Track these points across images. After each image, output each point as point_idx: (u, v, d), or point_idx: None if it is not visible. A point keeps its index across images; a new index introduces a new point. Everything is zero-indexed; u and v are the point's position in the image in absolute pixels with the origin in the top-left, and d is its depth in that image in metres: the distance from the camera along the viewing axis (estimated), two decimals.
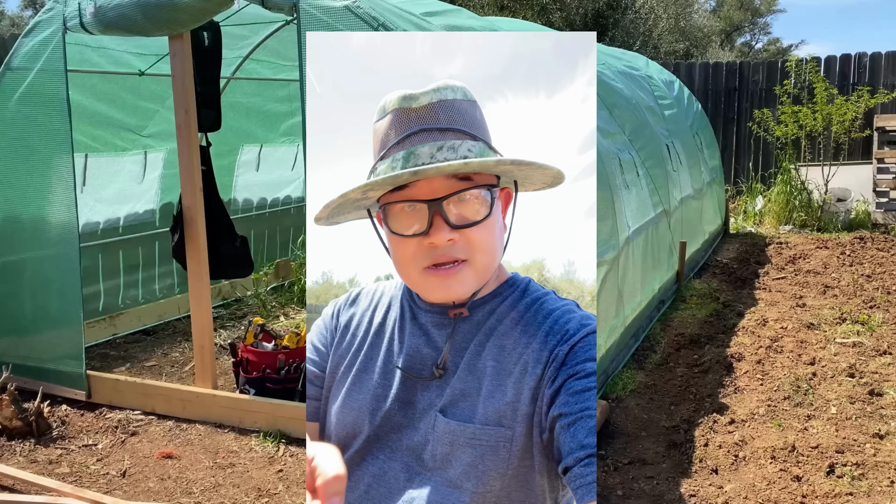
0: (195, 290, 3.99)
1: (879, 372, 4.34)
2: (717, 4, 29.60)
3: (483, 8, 15.77)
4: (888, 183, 9.05)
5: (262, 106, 6.28)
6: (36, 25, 3.99)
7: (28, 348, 4.21)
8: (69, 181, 3.97)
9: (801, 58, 10.32)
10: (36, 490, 3.19)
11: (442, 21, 4.12)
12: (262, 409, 3.76)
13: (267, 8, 3.44)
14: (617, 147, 4.81)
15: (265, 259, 6.49)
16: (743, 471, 3.29)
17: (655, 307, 5.41)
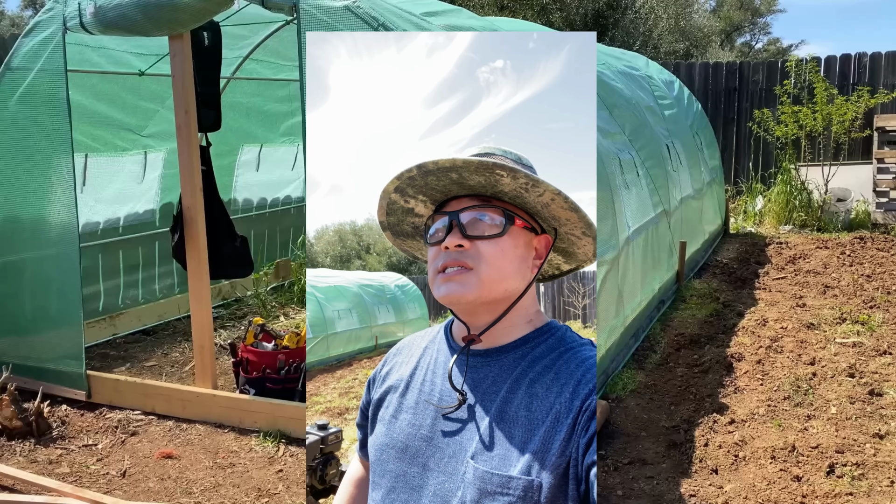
0: (195, 290, 3.99)
1: (879, 372, 4.34)
2: (717, 4, 29.60)
3: (483, 8, 15.77)
4: (888, 183, 9.05)
5: (262, 106, 6.28)
6: (36, 25, 4.00)
7: (28, 348, 4.21)
8: (69, 181, 3.97)
9: (801, 58, 10.32)
10: (36, 490, 3.19)
11: (442, 21, 4.12)
12: (262, 409, 3.76)
13: (267, 8, 3.44)
14: (617, 147, 4.81)
15: (265, 259, 6.49)
16: (743, 471, 3.29)
17: (655, 307, 5.41)
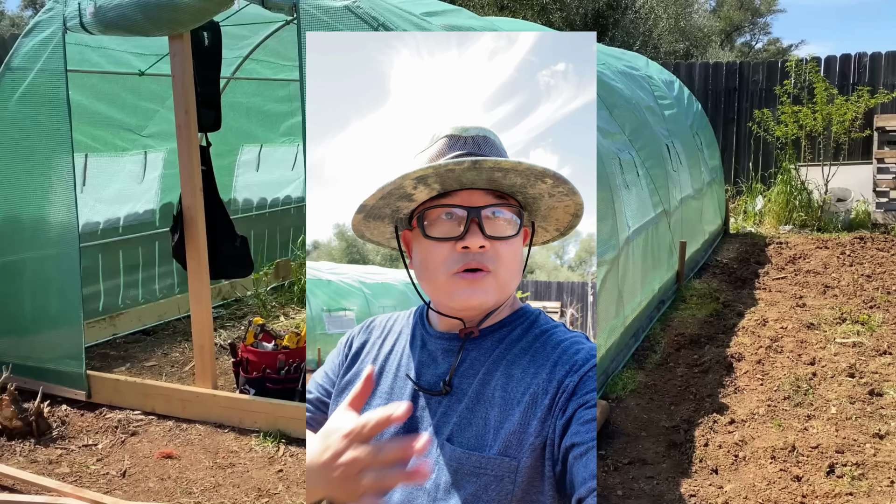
0: (195, 290, 3.99)
1: (879, 372, 4.34)
2: (717, 4, 29.60)
3: (483, 8, 15.77)
4: (888, 183, 9.05)
5: (262, 106, 6.28)
6: (36, 25, 3.99)
7: (28, 348, 4.21)
8: (69, 181, 3.97)
9: (801, 58, 10.32)
10: (36, 490, 3.19)
11: (442, 21, 4.12)
12: (262, 409, 3.76)
13: (267, 8, 3.44)
14: (617, 147, 4.81)
15: (265, 259, 6.49)
16: (743, 471, 3.29)
17: (655, 307, 5.41)
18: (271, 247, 6.71)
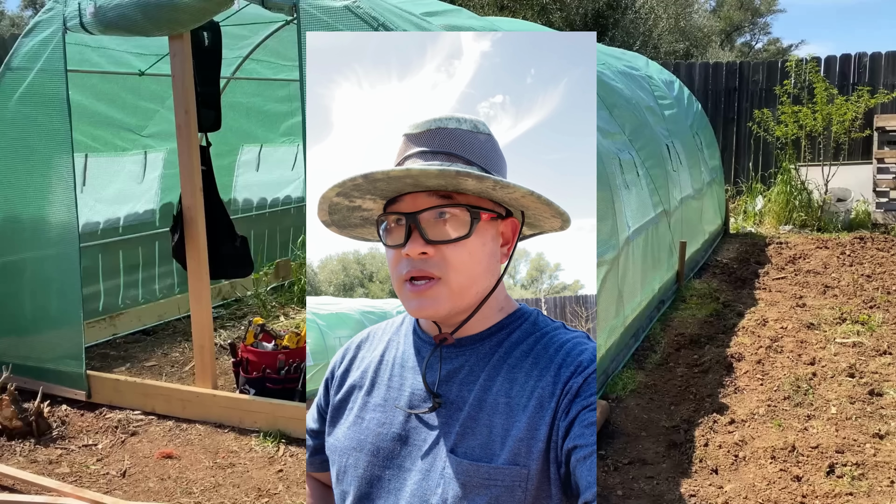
0: (195, 290, 3.99)
1: (879, 372, 4.34)
2: (717, 4, 29.61)
3: (483, 8, 15.77)
4: (888, 183, 9.05)
5: (262, 106, 6.28)
6: (36, 25, 3.99)
7: (28, 348, 4.21)
8: (69, 181, 3.97)
9: (801, 58, 10.32)
10: (36, 490, 3.19)
11: (442, 21, 4.12)
12: (262, 409, 3.76)
13: (267, 8, 3.44)
14: (617, 147, 4.81)
15: (265, 259, 6.49)
16: (743, 471, 3.29)
17: (655, 307, 5.41)
18: (271, 247, 6.71)
